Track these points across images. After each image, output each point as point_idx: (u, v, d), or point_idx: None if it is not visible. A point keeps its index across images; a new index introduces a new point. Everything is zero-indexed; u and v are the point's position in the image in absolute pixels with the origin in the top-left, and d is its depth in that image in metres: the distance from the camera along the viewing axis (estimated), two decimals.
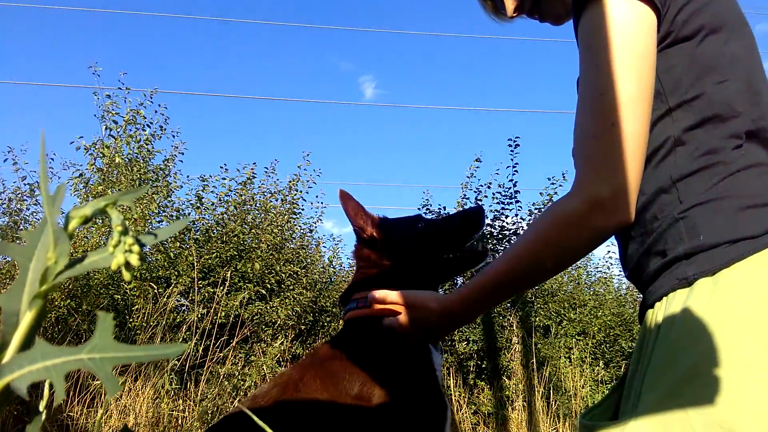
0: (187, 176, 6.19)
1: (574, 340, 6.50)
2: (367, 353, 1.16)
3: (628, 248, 0.92)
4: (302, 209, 6.29)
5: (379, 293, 1.17)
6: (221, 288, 4.84)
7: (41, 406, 0.41)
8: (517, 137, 6.20)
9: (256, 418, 0.53)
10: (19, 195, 6.02)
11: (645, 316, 0.87)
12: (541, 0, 1.09)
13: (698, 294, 0.76)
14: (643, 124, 0.80)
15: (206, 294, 4.85)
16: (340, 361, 1.16)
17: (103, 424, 3.57)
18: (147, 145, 5.92)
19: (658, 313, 0.82)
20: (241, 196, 5.86)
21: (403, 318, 1.13)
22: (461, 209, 1.41)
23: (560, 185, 6.31)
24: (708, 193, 0.80)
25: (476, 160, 6.56)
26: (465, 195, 6.49)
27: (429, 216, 6.49)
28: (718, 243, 0.77)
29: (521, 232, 1.00)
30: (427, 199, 6.67)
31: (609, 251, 7.88)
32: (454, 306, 1.05)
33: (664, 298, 0.82)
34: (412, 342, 1.16)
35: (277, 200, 6.08)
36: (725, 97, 0.82)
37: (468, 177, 6.50)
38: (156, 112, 6.13)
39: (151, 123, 6.07)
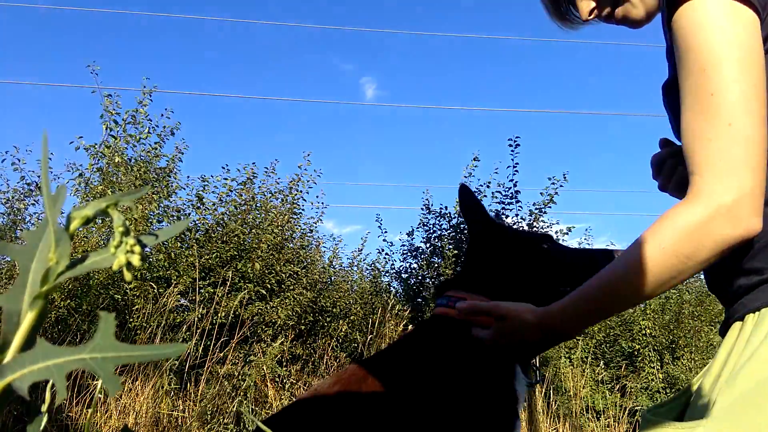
0: (188, 176, 6.20)
1: (574, 340, 6.50)
2: (445, 364, 1.06)
3: (715, 268, 0.88)
4: (303, 209, 6.30)
5: (469, 304, 1.08)
6: (221, 288, 4.85)
7: (43, 408, 0.41)
8: (517, 137, 6.20)
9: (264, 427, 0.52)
10: (20, 195, 6.03)
11: (731, 328, 0.85)
12: (622, 3, 1.02)
13: None
14: (761, 124, 0.76)
15: (206, 294, 4.85)
16: (411, 366, 1.06)
17: (101, 424, 3.57)
18: (155, 150, 5.91)
19: (747, 327, 0.80)
20: (241, 196, 5.86)
21: (494, 331, 1.04)
22: (591, 248, 1.27)
23: (561, 185, 6.31)
24: None
25: (474, 159, 6.57)
26: None
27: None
28: None
29: (632, 243, 0.90)
30: (427, 199, 6.68)
31: None
32: (553, 319, 0.97)
33: (757, 313, 0.80)
34: (497, 362, 1.07)
35: (277, 200, 6.08)
36: None
37: (465, 176, 6.51)
38: (162, 116, 6.13)
39: (156, 126, 6.06)
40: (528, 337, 1.00)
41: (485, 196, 6.42)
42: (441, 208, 6.63)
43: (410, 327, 5.40)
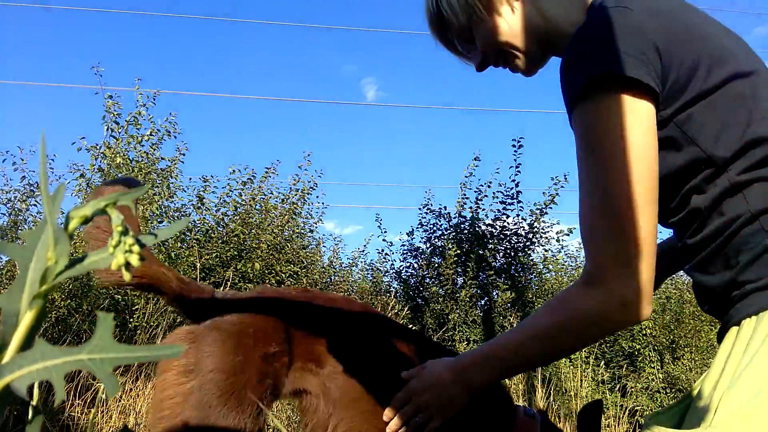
0: (190, 178, 6.18)
1: None
2: None
3: (708, 284, 0.91)
4: (302, 210, 6.29)
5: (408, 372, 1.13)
6: (222, 288, 4.84)
7: (33, 402, 0.41)
8: (521, 137, 6.19)
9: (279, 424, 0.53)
10: (21, 195, 6.03)
11: (728, 333, 0.87)
12: (506, 57, 1.06)
13: None
14: (652, 218, 0.81)
15: None
16: None
17: (101, 424, 3.57)
18: (153, 151, 5.90)
19: (745, 331, 0.82)
20: (241, 196, 5.86)
21: (412, 382, 1.08)
22: None
23: (562, 186, 6.31)
24: None
25: (475, 159, 6.56)
26: (465, 195, 6.49)
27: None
28: None
29: (535, 313, 1.01)
30: (428, 199, 6.68)
31: None
32: (463, 364, 1.03)
33: (754, 317, 0.82)
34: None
35: (278, 200, 6.07)
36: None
37: (466, 176, 6.50)
38: (167, 119, 6.12)
39: (159, 129, 6.06)
40: (440, 376, 1.04)
41: (485, 196, 6.43)
42: (440, 208, 6.63)
43: (410, 327, 5.40)
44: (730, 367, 0.81)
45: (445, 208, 6.63)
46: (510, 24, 1.00)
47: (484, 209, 6.41)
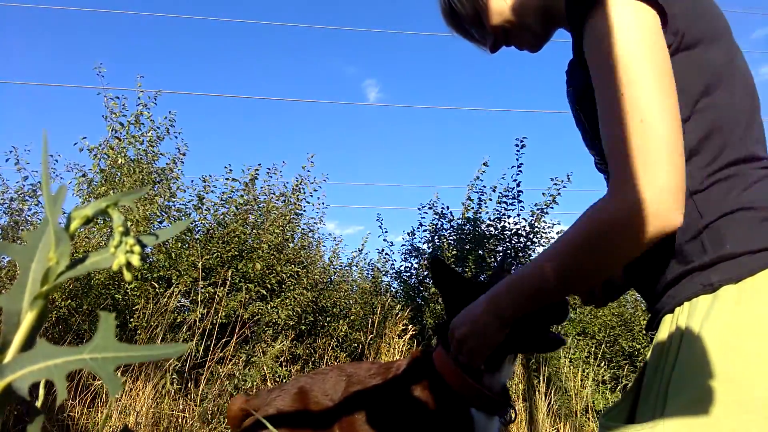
0: (192, 180, 6.19)
1: (574, 339, 6.50)
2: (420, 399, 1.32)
3: (635, 264, 0.88)
4: (304, 210, 6.30)
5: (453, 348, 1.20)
6: (222, 288, 4.85)
7: (38, 404, 0.41)
8: (524, 137, 6.20)
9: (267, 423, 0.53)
10: (22, 195, 6.03)
11: (662, 321, 0.87)
12: (510, 36, 1.10)
13: (723, 300, 0.77)
14: (674, 118, 0.76)
15: (207, 294, 4.85)
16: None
17: (103, 424, 3.57)
18: (152, 147, 5.91)
19: (680, 318, 0.82)
20: (242, 196, 5.86)
21: (453, 327, 1.13)
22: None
23: (564, 186, 6.31)
24: (731, 204, 0.80)
25: (484, 164, 6.59)
26: (469, 197, 6.52)
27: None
28: (744, 252, 0.77)
29: (559, 234, 1.08)
30: (433, 201, 6.69)
31: None
32: (499, 295, 1.00)
33: (686, 303, 0.82)
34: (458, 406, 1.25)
35: (281, 201, 6.07)
36: (733, 108, 0.83)
37: (474, 179, 6.54)
38: (165, 118, 6.13)
39: (159, 127, 6.06)
40: (481, 319, 1.03)
41: (490, 199, 6.45)
42: (442, 208, 6.63)
43: (410, 327, 5.40)
44: (670, 357, 0.80)
45: (447, 208, 6.64)
46: (508, 2, 1.05)
47: (488, 212, 6.43)
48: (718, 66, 0.84)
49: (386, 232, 6.88)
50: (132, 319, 4.40)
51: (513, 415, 1.33)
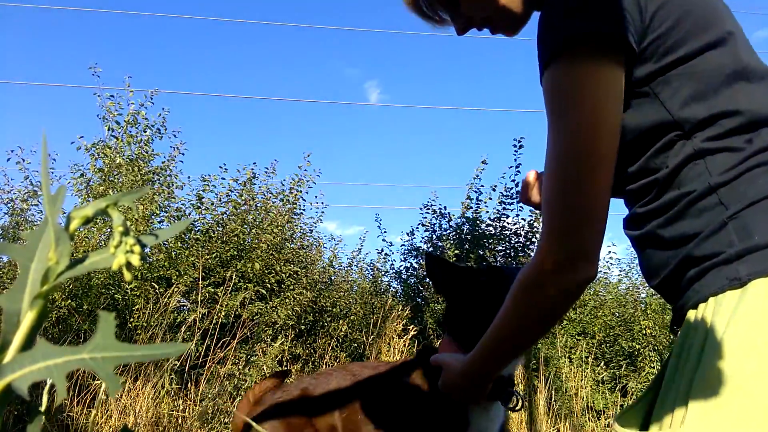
0: (189, 177, 6.19)
1: (574, 339, 6.50)
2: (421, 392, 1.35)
3: (656, 258, 0.88)
4: (303, 210, 6.30)
5: (432, 360, 1.27)
6: (222, 288, 4.84)
7: (42, 408, 0.41)
8: (522, 138, 6.21)
9: (254, 424, 0.53)
10: (23, 195, 6.03)
11: (685, 318, 0.83)
12: (487, 20, 1.04)
13: (752, 296, 0.72)
14: (605, 186, 0.80)
15: (207, 294, 4.85)
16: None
17: (101, 424, 3.57)
18: (147, 146, 5.91)
19: (704, 315, 0.77)
20: (241, 196, 5.86)
21: (440, 379, 1.22)
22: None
23: None
24: (758, 192, 0.76)
25: (482, 162, 6.58)
26: (469, 196, 6.52)
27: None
28: None
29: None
30: (431, 200, 6.69)
31: (609, 251, 7.88)
32: (467, 369, 1.09)
33: (712, 299, 0.77)
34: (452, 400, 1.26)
35: (278, 200, 6.08)
36: (747, 105, 0.80)
37: (473, 178, 6.54)
38: (159, 115, 6.13)
39: (153, 125, 6.07)
40: (458, 384, 1.14)
41: (490, 198, 6.45)
42: (440, 208, 6.63)
43: (410, 327, 5.40)
44: (692, 357, 0.77)
45: (445, 208, 6.64)
46: None
47: (488, 211, 6.43)
48: (726, 68, 0.82)
49: (385, 232, 6.89)
50: (132, 319, 4.39)
51: (518, 401, 1.31)
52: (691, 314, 0.81)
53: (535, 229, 6.38)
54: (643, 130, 0.84)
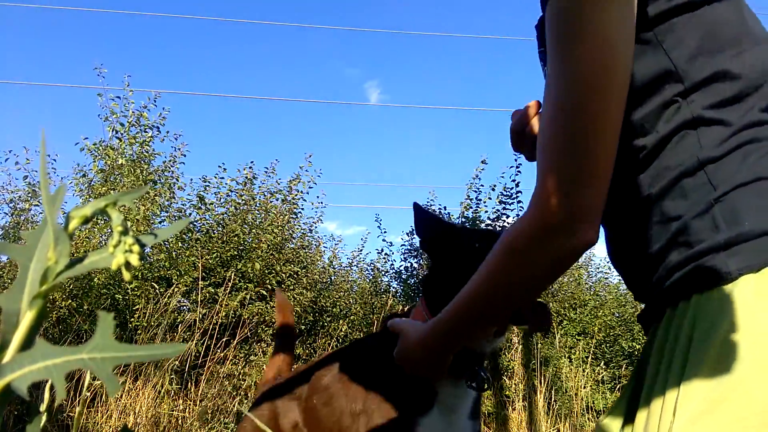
0: (191, 179, 6.20)
1: (574, 339, 6.50)
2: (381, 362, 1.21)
3: (630, 238, 0.81)
4: (302, 209, 6.30)
5: (390, 325, 1.15)
6: (222, 288, 4.84)
7: (42, 408, 0.41)
8: None
9: (261, 424, 0.53)
10: (26, 195, 6.03)
11: (664, 316, 0.76)
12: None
13: (741, 295, 0.65)
14: (613, 137, 0.69)
15: (207, 294, 4.85)
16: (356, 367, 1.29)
17: (101, 424, 3.57)
18: (146, 146, 5.92)
19: (688, 315, 0.71)
20: (241, 196, 5.86)
21: (396, 348, 1.09)
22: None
23: None
24: (748, 172, 0.69)
25: (482, 162, 6.59)
26: (468, 196, 6.52)
27: None
28: (765, 231, 0.66)
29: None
30: (431, 200, 6.69)
31: None
32: (429, 338, 0.97)
33: (695, 297, 0.70)
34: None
35: (277, 200, 6.08)
36: (747, 69, 0.73)
37: (473, 178, 6.54)
38: (160, 115, 6.14)
39: (154, 125, 6.07)
40: (415, 354, 1.03)
41: (489, 198, 6.45)
42: (440, 208, 6.63)
43: None
44: (671, 356, 0.71)
45: (445, 208, 6.64)
46: None
47: (487, 211, 6.43)
48: (729, 27, 0.74)
49: (385, 232, 6.90)
50: (132, 319, 4.40)
51: (484, 381, 1.18)
52: (671, 312, 0.75)
53: None
54: (641, 84, 0.75)
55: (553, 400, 5.59)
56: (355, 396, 1.23)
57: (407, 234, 6.76)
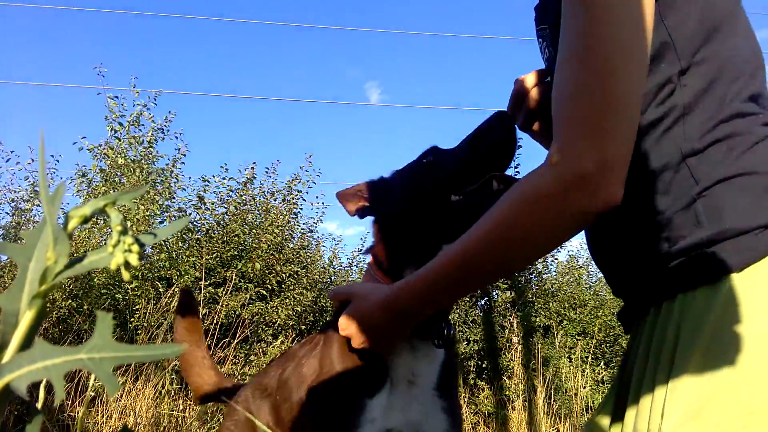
0: (189, 178, 6.19)
1: (574, 339, 6.50)
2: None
3: (611, 234, 0.78)
4: (301, 209, 6.30)
5: (332, 292, 1.03)
6: (223, 288, 4.85)
7: (38, 405, 0.41)
8: (520, 137, 6.19)
9: (257, 422, 0.53)
10: (27, 195, 6.03)
11: (648, 315, 0.75)
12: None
13: (724, 295, 0.64)
14: (640, 78, 0.64)
15: (207, 294, 4.85)
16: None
17: (101, 424, 3.57)
18: (150, 147, 5.91)
19: (672, 315, 0.70)
20: (241, 196, 5.86)
21: (345, 313, 0.96)
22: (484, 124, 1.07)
23: None
24: (730, 167, 0.67)
25: None
26: None
27: None
28: (747, 229, 0.64)
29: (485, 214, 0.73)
30: None
31: None
32: (398, 299, 0.85)
33: (680, 297, 0.69)
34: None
35: (276, 200, 6.08)
36: (736, 57, 0.71)
37: None
38: (165, 117, 6.13)
39: (160, 128, 6.06)
40: (376, 318, 0.90)
41: None
42: None
43: None
44: (659, 355, 0.70)
45: None
46: None
47: None
48: (723, 10, 0.73)
49: None
50: (132, 319, 4.39)
51: (451, 335, 1.01)
52: (655, 311, 0.73)
53: None
54: None
55: (552, 400, 5.59)
56: (302, 385, 1.10)
57: None
